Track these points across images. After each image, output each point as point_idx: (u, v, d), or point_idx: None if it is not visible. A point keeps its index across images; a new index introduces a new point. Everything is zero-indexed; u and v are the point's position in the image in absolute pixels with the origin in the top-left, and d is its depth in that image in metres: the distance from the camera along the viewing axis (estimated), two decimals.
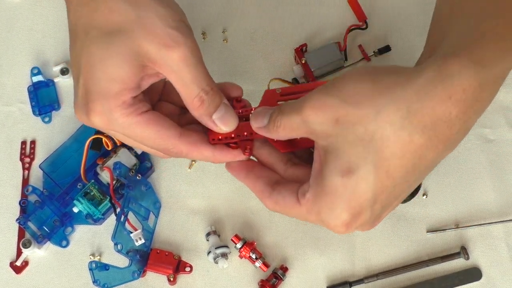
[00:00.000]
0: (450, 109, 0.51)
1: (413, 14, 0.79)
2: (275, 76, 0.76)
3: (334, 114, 0.52)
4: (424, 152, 0.52)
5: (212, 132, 0.60)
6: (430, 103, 0.51)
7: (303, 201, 0.56)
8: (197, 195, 0.73)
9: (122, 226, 0.67)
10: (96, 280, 0.68)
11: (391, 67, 0.54)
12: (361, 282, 0.70)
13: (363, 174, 0.52)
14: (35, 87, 0.76)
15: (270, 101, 0.61)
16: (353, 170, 0.52)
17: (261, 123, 0.58)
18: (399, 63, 0.76)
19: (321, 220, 0.56)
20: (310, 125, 0.54)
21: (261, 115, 0.58)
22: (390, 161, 0.52)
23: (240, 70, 0.77)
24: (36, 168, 0.74)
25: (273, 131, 0.57)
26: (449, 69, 0.51)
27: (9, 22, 0.79)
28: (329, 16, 0.79)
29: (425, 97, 0.51)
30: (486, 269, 0.70)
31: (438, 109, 0.51)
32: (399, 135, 0.51)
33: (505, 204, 0.72)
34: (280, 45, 0.78)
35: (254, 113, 0.59)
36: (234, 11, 0.79)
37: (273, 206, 0.59)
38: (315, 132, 0.54)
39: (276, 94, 0.61)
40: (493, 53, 0.53)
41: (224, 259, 0.69)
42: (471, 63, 0.52)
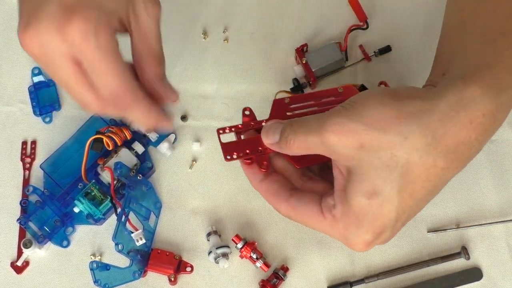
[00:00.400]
0: (471, 133, 0.53)
1: (414, 14, 0.79)
2: (275, 76, 0.76)
3: (358, 139, 0.53)
4: (445, 174, 0.54)
5: (226, 149, 0.60)
6: (453, 128, 0.53)
7: (328, 216, 0.57)
8: (198, 195, 0.73)
9: (123, 226, 0.67)
10: (97, 280, 0.68)
11: (412, 91, 0.55)
12: (361, 282, 0.70)
13: (388, 197, 0.54)
14: (35, 87, 0.76)
15: (280, 112, 0.62)
16: (379, 193, 0.54)
17: (273, 140, 0.58)
18: (399, 63, 0.76)
19: (344, 237, 0.57)
20: (331, 147, 0.55)
21: (272, 131, 0.58)
22: (414, 184, 0.54)
23: (241, 70, 0.77)
24: (37, 168, 0.74)
25: (285, 148, 0.58)
26: (469, 94, 0.53)
27: (10, 22, 0.79)
28: (329, 16, 0.79)
29: (448, 123, 0.52)
30: (486, 269, 0.70)
31: (460, 134, 0.53)
32: (424, 160, 0.53)
33: (505, 204, 0.72)
34: (281, 45, 0.78)
35: (264, 129, 0.59)
36: (234, 11, 0.79)
37: (288, 211, 0.60)
38: (336, 153, 0.55)
39: (285, 104, 0.62)
40: (510, 74, 0.55)
41: (225, 259, 0.69)
42: (490, 88, 0.53)
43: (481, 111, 0.53)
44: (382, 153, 0.53)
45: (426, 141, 0.52)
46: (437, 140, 0.52)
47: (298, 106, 0.62)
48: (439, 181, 0.55)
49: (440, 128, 0.52)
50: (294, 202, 0.59)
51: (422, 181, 0.54)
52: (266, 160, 0.60)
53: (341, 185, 0.56)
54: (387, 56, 0.77)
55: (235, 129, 0.62)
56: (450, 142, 0.53)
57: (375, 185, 0.54)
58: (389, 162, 0.53)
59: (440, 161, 0.53)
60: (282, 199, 0.60)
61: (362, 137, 0.53)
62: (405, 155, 0.53)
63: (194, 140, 0.75)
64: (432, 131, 0.52)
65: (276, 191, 0.60)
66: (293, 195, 0.60)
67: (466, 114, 0.53)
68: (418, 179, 0.53)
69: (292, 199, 0.59)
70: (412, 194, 0.54)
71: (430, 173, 0.53)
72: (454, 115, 0.52)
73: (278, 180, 0.61)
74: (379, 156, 0.53)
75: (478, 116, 0.53)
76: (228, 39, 0.78)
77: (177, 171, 0.74)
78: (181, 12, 0.79)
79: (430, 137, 0.52)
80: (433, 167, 0.53)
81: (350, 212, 0.55)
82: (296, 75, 0.76)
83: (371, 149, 0.53)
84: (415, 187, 0.54)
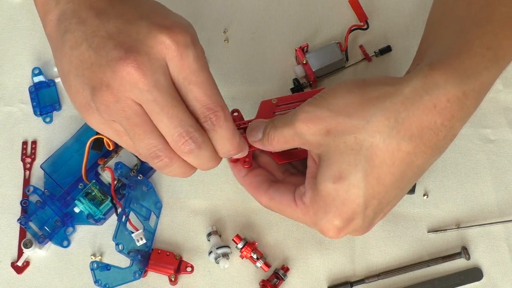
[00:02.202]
0: (435, 117, 0.53)
1: (414, 14, 0.79)
2: (275, 76, 0.77)
3: (325, 125, 0.55)
4: (412, 159, 0.54)
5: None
6: (416, 112, 0.53)
7: (299, 203, 0.59)
8: (198, 195, 0.73)
9: (123, 226, 0.67)
10: (98, 280, 0.68)
11: (380, 78, 0.56)
12: (362, 282, 0.70)
13: (354, 181, 0.54)
14: (36, 88, 0.76)
15: (267, 112, 0.64)
16: (344, 177, 0.54)
17: (256, 137, 0.61)
18: (400, 63, 0.76)
19: (315, 223, 0.58)
20: (302, 136, 0.56)
21: (256, 129, 0.61)
22: (380, 168, 0.54)
23: (241, 70, 0.77)
24: (37, 168, 0.74)
25: (267, 144, 0.60)
26: (434, 79, 0.53)
27: (10, 23, 0.79)
28: (330, 16, 0.79)
29: (411, 107, 0.53)
30: (487, 269, 0.70)
31: (424, 118, 0.53)
32: (388, 143, 0.53)
33: (506, 204, 0.72)
34: (281, 45, 0.78)
35: (249, 127, 0.62)
36: (235, 11, 0.79)
37: (267, 202, 0.61)
38: (307, 142, 0.57)
39: (272, 104, 0.64)
40: (479, 62, 0.55)
41: (225, 259, 0.69)
42: (456, 74, 0.54)
43: (445, 96, 0.53)
44: (347, 137, 0.54)
45: (389, 124, 0.53)
46: (400, 124, 0.53)
47: (285, 106, 0.63)
48: (407, 167, 0.54)
49: (403, 111, 0.53)
50: (272, 193, 0.61)
51: (388, 166, 0.54)
52: (249, 157, 0.62)
53: (312, 172, 0.58)
54: (387, 56, 0.77)
55: None
56: (414, 126, 0.53)
57: (341, 169, 0.54)
58: (353, 146, 0.54)
59: (404, 144, 0.53)
60: (262, 191, 0.62)
61: (328, 123, 0.54)
62: (369, 138, 0.53)
63: None
64: (394, 113, 0.53)
65: (257, 184, 0.62)
66: (272, 186, 0.61)
67: (430, 98, 0.53)
68: (384, 163, 0.54)
69: (270, 190, 0.61)
70: (379, 179, 0.54)
71: (395, 157, 0.54)
72: (417, 99, 0.53)
73: (260, 174, 0.63)
74: (344, 140, 0.54)
75: (442, 101, 0.53)
76: (228, 39, 0.78)
77: None
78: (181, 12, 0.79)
79: (393, 120, 0.53)
80: (397, 151, 0.53)
81: (318, 197, 0.56)
82: (296, 75, 0.76)
83: (336, 134, 0.54)
84: (381, 171, 0.54)
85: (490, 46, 0.56)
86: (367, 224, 0.57)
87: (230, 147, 0.56)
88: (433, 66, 0.54)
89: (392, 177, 0.55)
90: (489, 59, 0.55)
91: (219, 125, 0.55)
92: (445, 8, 0.62)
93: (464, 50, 0.55)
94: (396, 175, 0.55)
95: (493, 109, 0.75)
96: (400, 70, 0.76)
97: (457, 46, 0.56)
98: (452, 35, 0.58)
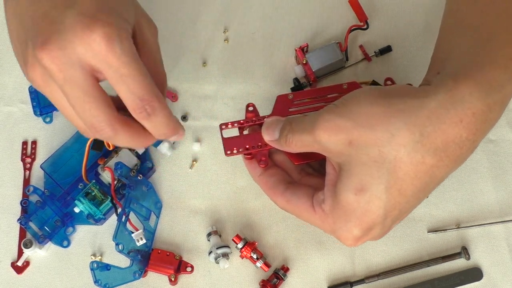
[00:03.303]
0: (461, 132, 0.53)
1: (414, 14, 0.79)
2: (275, 76, 0.76)
3: (347, 136, 0.54)
4: (435, 171, 0.54)
5: (227, 144, 0.61)
6: (442, 126, 0.53)
7: (318, 209, 0.58)
8: (198, 195, 0.73)
9: (123, 226, 0.67)
10: (98, 280, 0.68)
11: (402, 88, 0.56)
12: (362, 282, 0.70)
13: (376, 193, 0.54)
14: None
15: (282, 108, 0.62)
16: (366, 189, 0.54)
17: (272, 137, 0.60)
18: (400, 63, 0.76)
19: (333, 231, 0.58)
20: (322, 144, 0.56)
21: (272, 128, 0.60)
22: (403, 181, 0.54)
23: (241, 70, 0.77)
24: (37, 168, 0.74)
25: (284, 146, 0.59)
26: (460, 93, 0.53)
27: None
28: (330, 16, 0.79)
29: (437, 121, 0.53)
30: (487, 269, 0.70)
31: (450, 132, 0.53)
32: (412, 157, 0.53)
33: (506, 204, 0.72)
34: (281, 45, 0.78)
35: (265, 125, 0.61)
36: (235, 11, 0.79)
37: (284, 204, 0.61)
38: (327, 150, 0.56)
39: (288, 100, 0.63)
40: (502, 74, 0.55)
41: (225, 259, 0.69)
42: (481, 87, 0.53)
43: (471, 110, 0.53)
44: (370, 150, 0.53)
45: (414, 138, 0.53)
46: (425, 137, 0.53)
47: (301, 102, 0.62)
48: (429, 179, 0.55)
49: (429, 125, 0.53)
50: (289, 195, 0.61)
51: (411, 178, 0.54)
52: (265, 156, 0.61)
53: (332, 180, 0.58)
54: (387, 56, 0.77)
55: (237, 124, 0.62)
56: (439, 140, 0.53)
57: (363, 181, 0.54)
58: (376, 158, 0.53)
59: (428, 158, 0.53)
60: (278, 192, 0.61)
61: (350, 134, 0.54)
62: (393, 152, 0.53)
63: (194, 140, 0.75)
64: (419, 128, 0.53)
65: (273, 184, 0.62)
66: (288, 188, 0.61)
67: (456, 112, 0.53)
68: (407, 176, 0.54)
69: (287, 192, 0.61)
70: (401, 191, 0.54)
71: (419, 170, 0.53)
72: (443, 113, 0.53)
73: (276, 174, 0.62)
74: (367, 153, 0.54)
75: (468, 115, 0.53)
76: (228, 39, 0.78)
77: (178, 171, 0.74)
78: (181, 12, 0.79)
79: (418, 134, 0.53)
80: (421, 164, 0.53)
81: (338, 207, 0.56)
82: (297, 75, 0.76)
83: (359, 145, 0.54)
84: (404, 184, 0.54)
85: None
86: (384, 232, 0.58)
87: (166, 131, 0.56)
88: (457, 79, 0.53)
89: (414, 188, 0.55)
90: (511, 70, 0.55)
91: (155, 115, 0.54)
92: (459, 16, 0.61)
93: (487, 62, 0.55)
94: (418, 186, 0.55)
95: None
96: (400, 70, 0.76)
97: (479, 57, 0.55)
98: (472, 44, 0.57)
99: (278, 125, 0.59)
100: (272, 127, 0.60)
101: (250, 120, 0.63)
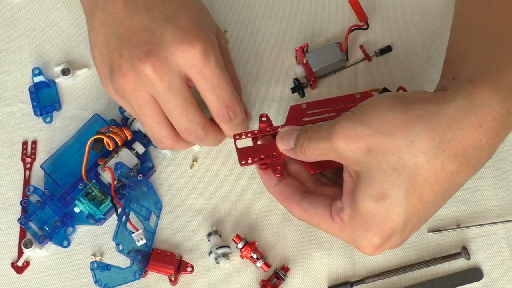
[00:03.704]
0: (481, 137, 0.53)
1: (414, 13, 0.78)
2: (275, 76, 0.76)
3: (366, 144, 0.54)
4: (455, 178, 0.54)
5: (241, 154, 0.62)
6: (462, 131, 0.52)
7: (337, 219, 0.58)
8: (198, 195, 0.73)
9: (124, 226, 0.67)
10: (98, 280, 0.68)
11: (419, 94, 0.55)
12: (362, 282, 0.70)
13: (396, 200, 0.54)
14: (36, 88, 0.76)
15: (296, 118, 0.63)
16: (386, 196, 0.54)
17: (288, 146, 0.60)
18: (400, 63, 0.76)
19: (353, 240, 0.58)
20: (340, 152, 0.55)
21: (287, 137, 0.60)
22: (423, 187, 0.54)
23: (241, 70, 0.77)
24: (38, 169, 0.74)
25: (300, 154, 0.59)
26: (478, 97, 0.53)
27: (10, 22, 0.79)
28: (330, 16, 0.79)
29: (457, 127, 0.52)
30: (487, 269, 0.70)
31: (469, 138, 0.53)
32: (432, 163, 0.53)
33: (506, 204, 0.72)
34: (281, 45, 0.78)
35: (279, 135, 0.61)
36: (235, 11, 0.79)
37: (301, 215, 0.61)
38: (345, 158, 0.56)
39: (301, 110, 0.63)
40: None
41: (226, 259, 0.69)
42: (500, 90, 0.53)
43: (490, 114, 0.53)
44: (390, 157, 0.53)
45: (434, 144, 0.52)
46: (445, 144, 0.52)
47: (314, 112, 0.62)
48: (449, 185, 0.54)
49: (448, 131, 0.52)
50: (305, 205, 0.60)
51: (431, 185, 0.53)
52: (280, 166, 0.61)
53: (350, 188, 0.57)
54: (388, 56, 0.77)
55: (251, 134, 0.62)
56: (459, 146, 0.53)
57: (382, 189, 0.54)
58: (396, 166, 0.53)
59: (449, 164, 0.53)
60: (295, 203, 0.61)
61: (369, 141, 0.53)
62: (413, 159, 0.53)
63: None
64: (439, 134, 0.52)
65: (289, 194, 0.61)
66: (305, 198, 0.61)
67: (476, 117, 0.52)
68: (427, 182, 0.53)
69: (304, 202, 0.60)
70: (421, 198, 0.54)
71: (439, 176, 0.53)
72: (462, 118, 0.52)
73: (292, 183, 0.62)
74: (386, 160, 0.53)
75: (488, 120, 0.52)
76: (228, 39, 0.78)
77: (178, 171, 0.74)
78: None
79: (438, 140, 0.52)
80: (442, 171, 0.53)
81: (357, 215, 0.56)
82: (297, 75, 0.76)
83: (378, 152, 0.53)
84: (424, 190, 0.54)
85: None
86: (403, 240, 0.58)
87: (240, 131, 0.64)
88: (475, 83, 0.53)
89: (434, 195, 0.54)
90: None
91: (235, 119, 0.64)
92: (472, 19, 0.61)
93: (504, 65, 0.54)
94: (438, 193, 0.54)
95: None
96: (400, 70, 0.76)
97: (496, 60, 0.55)
98: (487, 48, 0.57)
99: (293, 134, 0.59)
100: (287, 136, 0.60)
101: (264, 130, 0.63)
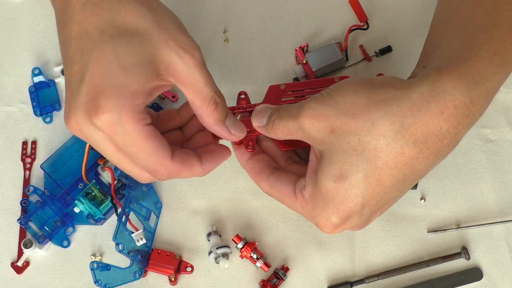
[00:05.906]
0: (442, 124, 0.53)
1: (414, 14, 0.79)
2: (275, 76, 0.76)
3: (330, 124, 0.55)
4: (414, 163, 0.55)
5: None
6: (423, 118, 0.53)
7: (299, 196, 0.59)
8: (198, 195, 0.73)
9: (124, 226, 0.67)
10: (98, 280, 0.68)
11: (387, 79, 0.56)
12: (362, 282, 0.70)
13: (354, 181, 0.55)
14: (36, 88, 0.76)
15: (274, 97, 0.64)
16: (345, 177, 0.55)
17: (260, 123, 0.61)
18: (400, 64, 0.76)
19: (313, 217, 0.59)
20: (306, 131, 0.57)
21: (261, 114, 0.61)
22: (381, 170, 0.54)
23: (241, 70, 0.77)
24: (37, 169, 0.74)
25: (271, 132, 0.60)
26: (442, 85, 0.53)
27: (10, 22, 0.79)
28: (330, 16, 0.79)
29: (418, 112, 0.53)
30: (487, 269, 0.70)
31: (430, 124, 0.53)
32: (392, 147, 0.53)
33: (505, 204, 0.72)
34: (281, 45, 0.78)
35: (254, 112, 0.62)
36: (235, 11, 0.79)
37: (267, 189, 0.62)
38: (311, 137, 0.57)
39: (280, 90, 0.64)
40: (486, 68, 0.55)
41: (225, 259, 0.69)
42: (463, 80, 0.53)
43: (452, 103, 0.53)
44: (351, 138, 0.54)
45: (394, 128, 0.53)
46: (405, 128, 0.53)
47: (293, 93, 0.63)
48: (409, 171, 0.55)
49: (409, 116, 0.53)
50: (273, 181, 0.62)
51: (390, 169, 0.54)
52: (252, 141, 0.62)
53: (313, 167, 0.59)
54: (388, 56, 0.77)
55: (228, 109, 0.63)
56: (420, 132, 0.53)
57: (342, 169, 0.55)
58: (356, 147, 0.54)
59: (408, 149, 0.53)
60: (263, 177, 0.62)
61: (333, 122, 0.55)
62: (373, 141, 0.54)
63: None
64: (400, 118, 0.53)
65: (259, 169, 0.63)
66: (273, 174, 0.62)
67: (437, 104, 0.53)
68: (386, 166, 0.54)
69: (271, 177, 0.62)
70: (380, 181, 0.55)
71: (398, 161, 0.54)
72: (424, 105, 0.53)
73: (263, 159, 0.63)
74: (347, 141, 0.54)
75: (449, 107, 0.53)
76: (228, 39, 0.78)
77: None
78: (181, 12, 0.79)
79: (398, 125, 0.53)
80: (401, 155, 0.54)
81: (318, 193, 0.57)
82: (296, 75, 0.76)
83: (340, 133, 0.55)
84: (383, 174, 0.54)
85: (497, 51, 0.55)
86: (363, 222, 0.58)
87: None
88: (441, 71, 0.54)
89: (393, 179, 0.55)
90: (496, 65, 0.55)
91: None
92: (449, 11, 0.62)
93: (471, 56, 0.55)
94: (397, 177, 0.55)
95: (493, 109, 0.75)
96: (400, 70, 0.76)
97: (464, 51, 0.56)
98: (458, 39, 0.58)
99: (267, 112, 0.60)
100: (261, 113, 0.61)
101: (241, 107, 0.64)
